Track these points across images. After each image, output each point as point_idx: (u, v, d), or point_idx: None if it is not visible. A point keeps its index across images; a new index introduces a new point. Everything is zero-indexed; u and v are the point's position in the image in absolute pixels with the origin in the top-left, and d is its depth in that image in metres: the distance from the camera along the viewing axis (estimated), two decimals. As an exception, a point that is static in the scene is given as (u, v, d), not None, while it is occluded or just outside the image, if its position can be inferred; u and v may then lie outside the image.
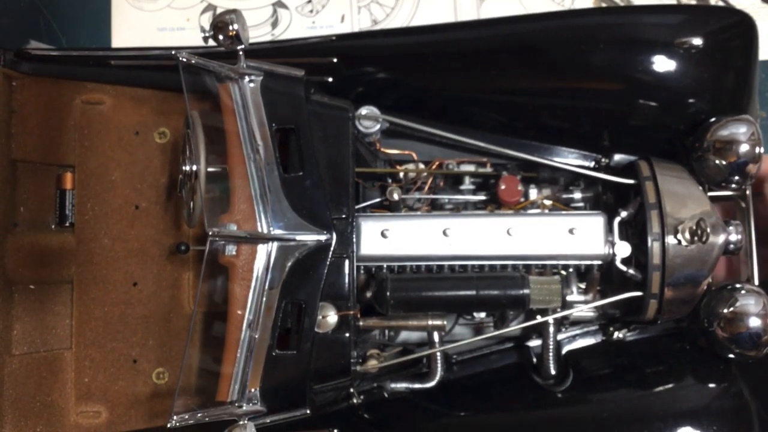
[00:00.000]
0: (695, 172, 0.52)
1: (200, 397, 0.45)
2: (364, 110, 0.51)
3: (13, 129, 0.54)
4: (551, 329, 0.52)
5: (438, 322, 0.50)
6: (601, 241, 0.50)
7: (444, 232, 0.50)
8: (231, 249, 0.45)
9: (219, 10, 0.62)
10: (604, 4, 0.72)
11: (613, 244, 0.50)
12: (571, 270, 0.52)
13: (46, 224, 0.56)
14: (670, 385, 0.52)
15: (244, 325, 0.44)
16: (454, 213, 0.53)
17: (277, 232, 0.45)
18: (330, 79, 0.53)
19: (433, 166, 0.55)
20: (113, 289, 0.55)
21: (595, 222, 0.51)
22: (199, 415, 0.43)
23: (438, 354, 0.52)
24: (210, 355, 0.48)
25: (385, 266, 0.51)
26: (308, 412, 0.46)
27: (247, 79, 0.47)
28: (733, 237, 0.51)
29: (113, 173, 0.56)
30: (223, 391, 0.45)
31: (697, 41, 0.51)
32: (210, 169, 0.48)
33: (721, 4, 0.72)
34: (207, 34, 0.45)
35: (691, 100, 0.51)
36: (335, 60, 0.53)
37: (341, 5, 0.71)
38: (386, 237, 0.50)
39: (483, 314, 0.54)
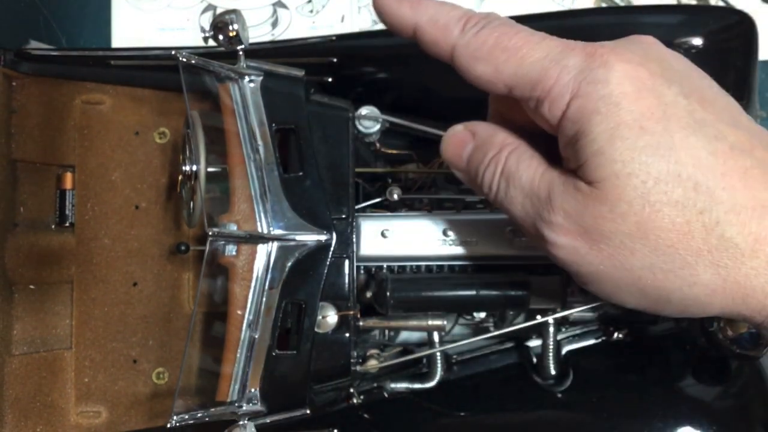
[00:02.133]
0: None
1: (200, 397, 0.45)
2: (364, 110, 0.51)
3: (13, 129, 0.54)
4: (551, 329, 0.52)
5: (438, 322, 0.50)
6: (601, 241, 0.50)
7: (444, 232, 0.50)
8: (231, 249, 0.45)
9: (219, 10, 0.62)
10: (604, 4, 0.72)
11: (613, 244, 0.50)
12: (571, 270, 0.52)
13: (46, 224, 0.56)
14: (670, 385, 0.52)
15: (244, 325, 0.44)
16: (454, 213, 0.53)
17: (277, 232, 0.45)
18: (330, 79, 0.53)
19: (433, 166, 0.55)
20: (113, 289, 0.55)
21: (595, 222, 0.51)
22: (199, 415, 0.43)
23: (438, 354, 0.52)
24: (210, 355, 0.48)
25: (385, 266, 0.51)
26: (308, 412, 0.46)
27: (247, 79, 0.47)
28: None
29: (113, 173, 0.56)
30: (223, 391, 0.45)
31: (697, 41, 0.51)
32: (210, 169, 0.48)
33: (721, 4, 0.72)
34: (207, 34, 0.45)
35: (691, 100, 0.51)
36: (335, 60, 0.53)
37: (341, 5, 0.71)
38: (386, 237, 0.50)
39: (483, 314, 0.54)
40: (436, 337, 0.51)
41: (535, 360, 0.54)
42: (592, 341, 0.56)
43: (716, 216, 0.30)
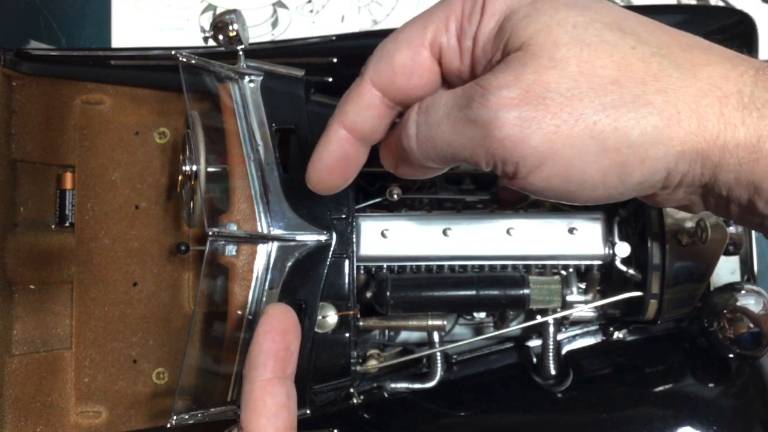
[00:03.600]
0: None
1: (200, 397, 0.45)
2: (364, 110, 0.51)
3: (13, 129, 0.54)
4: (551, 329, 0.52)
5: (438, 322, 0.50)
6: (600, 241, 0.50)
7: (444, 232, 0.50)
8: (231, 249, 0.45)
9: (219, 10, 0.62)
10: (604, 4, 0.72)
11: (613, 244, 0.50)
12: (571, 270, 0.52)
13: (46, 224, 0.56)
14: (670, 385, 0.52)
15: (244, 325, 0.44)
16: (454, 213, 0.53)
17: (277, 232, 0.45)
18: (330, 79, 0.53)
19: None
20: (113, 289, 0.55)
21: (595, 222, 0.51)
22: (199, 415, 0.43)
23: (438, 354, 0.52)
24: (210, 355, 0.48)
25: (385, 266, 0.51)
26: (308, 412, 0.46)
27: (247, 79, 0.47)
28: (733, 236, 0.51)
29: (113, 173, 0.56)
30: (223, 391, 0.45)
31: (697, 41, 0.51)
32: (210, 169, 0.48)
33: (721, 4, 0.72)
34: (207, 34, 0.45)
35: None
36: (335, 60, 0.53)
37: (341, 5, 0.71)
38: (386, 237, 0.50)
39: (483, 314, 0.54)
40: (436, 337, 0.51)
41: (535, 360, 0.54)
42: (592, 341, 0.56)
43: (649, 50, 0.31)
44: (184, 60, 0.44)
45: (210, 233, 0.43)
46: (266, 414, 0.35)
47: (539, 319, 0.52)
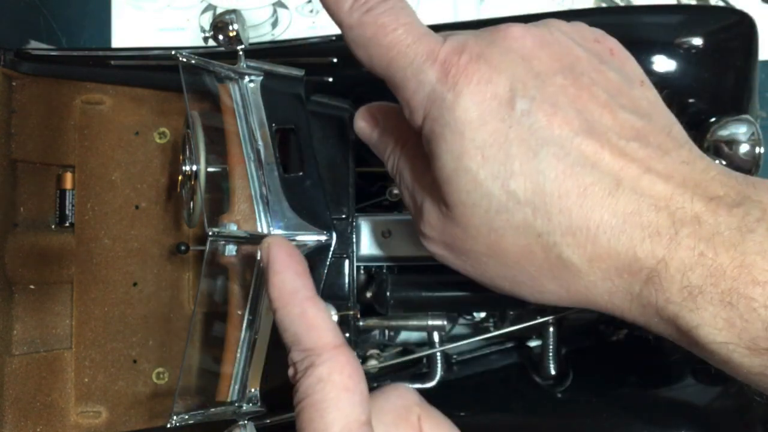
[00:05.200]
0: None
1: (200, 397, 0.45)
2: (364, 110, 0.51)
3: (13, 129, 0.54)
4: (551, 329, 0.52)
5: (438, 322, 0.50)
6: (601, 241, 0.50)
7: (444, 232, 0.50)
8: (231, 249, 0.45)
9: (219, 10, 0.62)
10: (604, 4, 0.72)
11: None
12: (571, 270, 0.52)
13: (46, 224, 0.56)
14: (670, 385, 0.52)
15: (244, 325, 0.44)
16: (454, 213, 0.53)
17: (277, 232, 0.45)
18: (330, 79, 0.53)
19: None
20: (113, 289, 0.55)
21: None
22: (199, 415, 0.43)
23: (438, 354, 0.52)
24: (210, 355, 0.48)
25: (385, 266, 0.51)
26: (308, 412, 0.46)
27: (247, 79, 0.47)
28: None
29: (113, 173, 0.56)
30: (223, 391, 0.45)
31: (697, 41, 0.51)
32: (210, 169, 0.48)
33: (721, 4, 0.72)
34: (207, 34, 0.45)
35: (690, 100, 0.51)
36: (335, 60, 0.53)
37: (341, 5, 0.71)
38: (386, 237, 0.50)
39: (483, 314, 0.54)
40: (436, 337, 0.51)
41: (535, 360, 0.54)
42: (592, 341, 0.55)
43: (553, 239, 0.33)
44: (184, 60, 0.44)
45: (210, 233, 0.43)
46: (326, 325, 0.36)
47: (539, 319, 0.51)
